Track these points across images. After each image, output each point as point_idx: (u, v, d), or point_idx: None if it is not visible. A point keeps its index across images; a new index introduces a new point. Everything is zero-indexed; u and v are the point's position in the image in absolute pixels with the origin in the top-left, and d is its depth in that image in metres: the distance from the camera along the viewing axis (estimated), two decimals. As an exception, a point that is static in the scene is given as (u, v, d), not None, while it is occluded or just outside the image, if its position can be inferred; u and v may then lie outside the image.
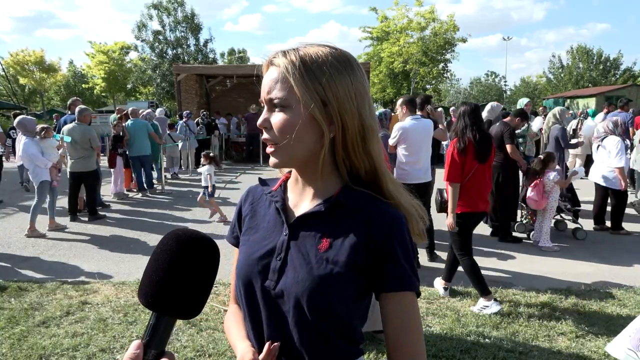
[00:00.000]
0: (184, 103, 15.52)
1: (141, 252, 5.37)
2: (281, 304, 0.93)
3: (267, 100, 0.92)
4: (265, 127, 0.93)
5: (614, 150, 5.78)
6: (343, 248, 0.91)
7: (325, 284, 0.89)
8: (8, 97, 32.70)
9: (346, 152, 0.93)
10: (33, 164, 6.00)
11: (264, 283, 0.95)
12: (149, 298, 0.70)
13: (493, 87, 60.19)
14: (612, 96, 23.28)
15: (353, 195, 0.94)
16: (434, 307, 3.81)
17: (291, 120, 0.89)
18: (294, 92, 0.88)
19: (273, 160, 0.94)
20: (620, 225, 6.04)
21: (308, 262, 0.91)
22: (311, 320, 0.89)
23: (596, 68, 41.83)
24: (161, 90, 33.69)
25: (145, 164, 8.96)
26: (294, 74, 0.88)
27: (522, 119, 5.76)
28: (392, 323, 0.90)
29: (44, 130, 6.25)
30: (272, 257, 0.96)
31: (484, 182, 3.81)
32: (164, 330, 0.70)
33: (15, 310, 3.72)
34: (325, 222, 0.94)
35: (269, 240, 0.99)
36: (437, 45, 24.52)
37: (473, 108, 3.90)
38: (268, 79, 0.92)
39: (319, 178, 0.96)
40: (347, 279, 0.90)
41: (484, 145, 3.74)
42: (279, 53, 0.92)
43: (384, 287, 0.90)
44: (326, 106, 0.89)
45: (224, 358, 3.00)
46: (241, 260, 1.01)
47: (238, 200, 1.15)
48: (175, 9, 33.64)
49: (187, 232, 0.73)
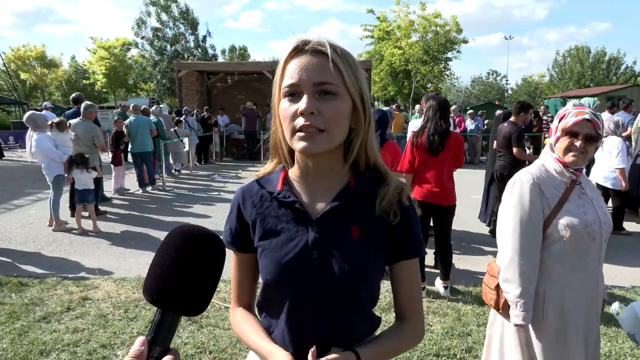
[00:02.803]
0: (185, 100, 15.52)
1: (142, 249, 5.37)
2: (328, 297, 0.97)
3: (315, 83, 0.91)
4: (311, 113, 0.90)
5: (615, 151, 5.77)
6: (373, 232, 1.00)
7: (368, 268, 0.99)
8: (9, 92, 32.63)
9: (364, 143, 1.00)
10: (47, 159, 5.93)
11: (306, 282, 0.96)
12: (154, 294, 0.69)
13: (494, 86, 60.12)
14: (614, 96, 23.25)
15: (365, 182, 1.02)
16: (434, 306, 3.81)
17: (342, 109, 0.94)
18: (345, 83, 0.93)
19: (312, 146, 0.92)
20: (621, 225, 6.04)
21: (346, 253, 0.97)
22: (358, 302, 0.99)
23: (596, 67, 41.77)
24: (162, 87, 33.68)
25: (147, 161, 8.97)
26: (345, 65, 0.93)
27: (526, 112, 5.66)
28: (406, 279, 1.05)
29: (60, 122, 6.22)
30: (307, 256, 0.97)
31: (438, 175, 3.90)
32: (168, 327, 0.70)
33: (16, 306, 3.72)
34: (348, 211, 1.00)
35: (296, 240, 0.99)
36: (439, 44, 24.46)
37: (440, 103, 3.97)
38: (314, 64, 0.91)
39: (334, 168, 1.02)
40: (381, 257, 1.02)
41: (437, 139, 3.84)
42: (323, 41, 0.93)
43: (407, 255, 1.04)
44: (362, 100, 0.97)
45: (225, 355, 3.00)
46: (270, 265, 1.00)
47: (231, 203, 1.11)
48: (169, 6, 33.55)
49: (193, 229, 0.72)
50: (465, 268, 4.72)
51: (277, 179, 1.05)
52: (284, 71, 0.94)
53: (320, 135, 0.92)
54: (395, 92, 28.12)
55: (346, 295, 0.97)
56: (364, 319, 1.03)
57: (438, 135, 3.86)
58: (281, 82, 0.95)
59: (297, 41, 0.94)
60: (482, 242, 5.65)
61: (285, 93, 0.94)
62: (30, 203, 7.82)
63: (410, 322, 1.06)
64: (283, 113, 0.94)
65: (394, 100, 27.39)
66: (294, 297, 0.98)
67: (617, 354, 3.06)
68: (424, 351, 3.07)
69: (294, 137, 0.93)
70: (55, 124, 6.22)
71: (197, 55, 34.45)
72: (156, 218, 6.82)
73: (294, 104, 0.92)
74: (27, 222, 6.52)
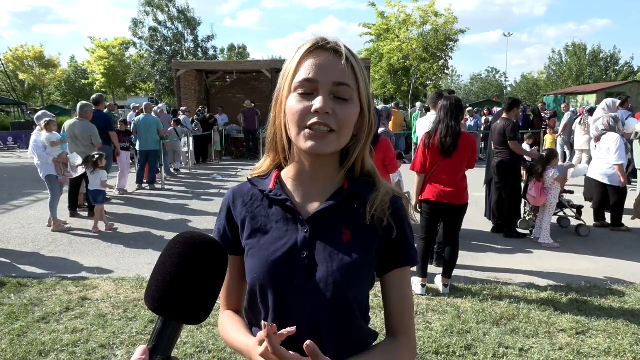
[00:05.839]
0: (184, 99, 15.49)
1: (141, 248, 5.36)
2: (313, 299, 0.93)
3: (335, 83, 0.90)
4: (326, 112, 0.89)
5: (613, 147, 5.77)
6: (364, 236, 0.98)
7: (357, 272, 0.95)
8: (7, 92, 32.57)
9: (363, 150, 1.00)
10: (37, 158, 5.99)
11: (293, 281, 0.94)
12: (156, 302, 0.68)
13: (494, 84, 60.12)
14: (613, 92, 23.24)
15: (359, 186, 1.00)
16: (434, 304, 3.81)
17: (354, 112, 0.93)
18: (359, 88, 0.93)
19: (321, 145, 0.90)
20: (621, 221, 6.04)
21: (336, 254, 0.95)
22: (346, 308, 0.95)
23: (594, 64, 41.76)
24: (160, 87, 33.62)
25: (151, 159, 9.01)
26: (361, 71, 0.94)
27: (517, 108, 5.74)
28: (398, 293, 1.01)
29: (47, 122, 6.20)
30: (296, 255, 0.95)
31: (451, 175, 3.93)
32: (170, 335, 0.68)
33: (15, 306, 3.71)
34: (340, 213, 0.98)
35: (285, 239, 0.97)
36: (438, 41, 24.42)
37: (452, 103, 3.94)
38: (335, 64, 0.90)
39: (329, 171, 1.01)
40: (371, 263, 0.98)
41: (449, 141, 3.85)
42: (340, 43, 0.93)
43: (400, 262, 1.01)
44: (369, 107, 0.97)
45: (224, 354, 3.00)
46: (256, 264, 0.97)
47: (222, 204, 1.09)
48: (167, 5, 33.46)
49: (195, 236, 0.71)
50: (465, 264, 4.72)
51: (269, 178, 1.03)
52: (298, 65, 0.91)
53: (331, 135, 0.90)
54: (395, 89, 28.07)
55: (334, 298, 0.93)
56: (355, 329, 0.98)
57: (450, 137, 3.85)
58: (294, 76, 0.92)
59: (318, 38, 0.92)
60: (481, 240, 5.65)
61: (297, 88, 0.91)
62: (29, 203, 7.82)
63: (403, 338, 1.00)
64: (292, 108, 0.91)
65: (393, 98, 27.33)
66: (281, 298, 0.95)
67: (617, 350, 3.06)
68: (424, 349, 3.07)
69: (300, 134, 0.90)
70: (44, 124, 6.19)
71: (197, 55, 34.35)
72: (156, 218, 6.80)
73: (306, 101, 0.90)
74: (26, 222, 6.52)
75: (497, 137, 5.65)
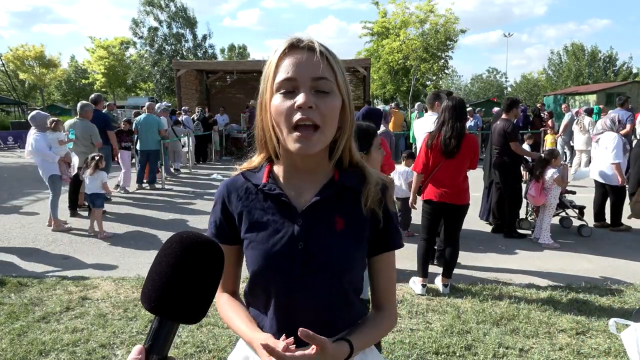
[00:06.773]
0: (184, 99, 15.49)
1: (141, 248, 5.36)
2: (312, 286, 1.00)
3: (313, 78, 0.93)
4: (310, 107, 0.92)
5: (611, 146, 5.78)
6: (356, 224, 1.04)
7: (351, 258, 1.03)
8: (8, 92, 32.60)
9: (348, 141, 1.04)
10: (41, 158, 5.95)
11: (292, 271, 1.00)
12: (152, 302, 0.68)
13: (494, 84, 60.12)
14: (613, 93, 23.24)
15: (349, 177, 1.06)
16: (434, 304, 3.81)
17: (335, 105, 0.97)
18: (337, 80, 0.97)
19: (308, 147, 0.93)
20: (620, 221, 6.04)
21: (331, 243, 1.01)
22: (342, 291, 1.03)
23: (593, 65, 41.75)
24: (161, 86, 33.64)
25: (151, 159, 9.03)
26: (336, 64, 0.97)
27: (516, 108, 5.77)
28: (384, 273, 1.11)
29: (54, 122, 6.21)
30: (293, 247, 1.00)
31: (453, 176, 3.93)
32: (166, 335, 0.69)
33: (15, 306, 3.71)
34: (332, 203, 1.04)
35: (282, 232, 1.02)
36: (438, 41, 24.40)
37: (455, 104, 3.93)
38: (310, 60, 0.93)
39: (319, 164, 1.04)
40: (363, 249, 1.06)
41: (453, 142, 3.84)
42: (313, 40, 0.96)
43: (389, 246, 1.09)
44: (349, 99, 1.01)
45: (224, 354, 3.00)
46: (257, 256, 1.03)
47: (215, 197, 1.12)
48: (167, 5, 33.47)
49: (191, 235, 0.71)
50: (465, 264, 4.72)
51: (262, 172, 1.08)
52: (277, 67, 0.95)
53: (315, 134, 0.93)
54: (394, 90, 28.06)
55: (331, 285, 1.01)
56: (349, 307, 1.07)
57: (455, 139, 3.84)
58: (274, 77, 0.95)
59: (292, 38, 0.96)
60: (481, 240, 5.65)
61: (279, 88, 0.94)
62: (29, 203, 7.82)
63: (387, 311, 1.12)
64: (277, 109, 0.94)
65: (393, 98, 27.32)
66: (281, 288, 1.01)
67: (617, 350, 3.06)
68: (424, 349, 3.06)
69: (289, 135, 0.94)
70: (52, 124, 6.20)
71: (198, 55, 34.36)
72: (156, 217, 6.80)
73: (289, 100, 0.93)
74: (26, 222, 6.52)
75: (497, 138, 5.67)
